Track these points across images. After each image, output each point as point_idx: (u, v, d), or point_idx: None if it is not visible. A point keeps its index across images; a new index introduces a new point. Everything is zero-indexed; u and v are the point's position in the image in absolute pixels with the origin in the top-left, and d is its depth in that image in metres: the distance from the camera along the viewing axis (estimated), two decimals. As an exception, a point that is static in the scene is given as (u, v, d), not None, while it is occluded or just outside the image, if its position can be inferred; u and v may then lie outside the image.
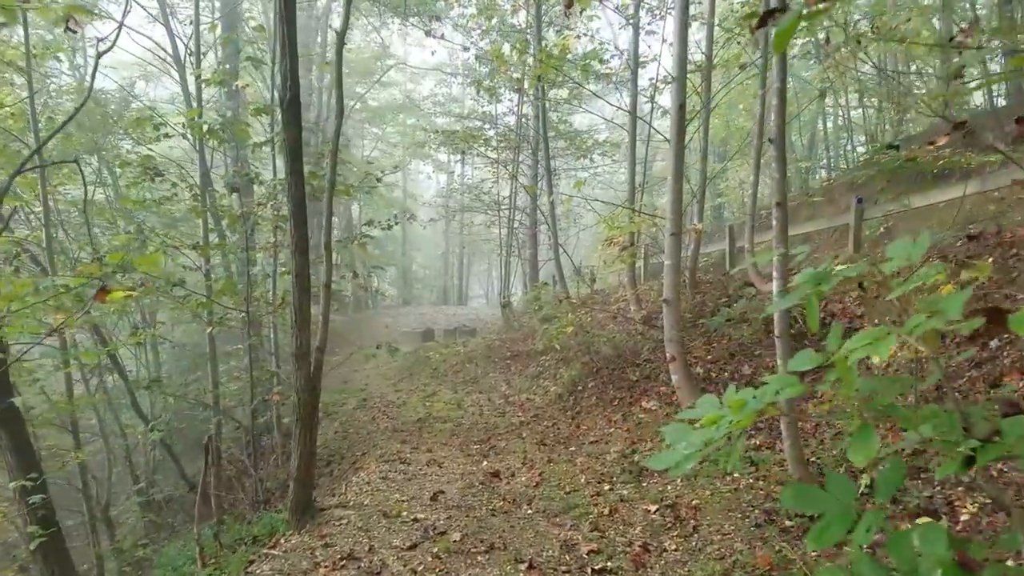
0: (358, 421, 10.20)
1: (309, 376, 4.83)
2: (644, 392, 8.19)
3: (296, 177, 4.52)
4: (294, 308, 4.67)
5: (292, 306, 4.68)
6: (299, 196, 4.54)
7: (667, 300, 7.14)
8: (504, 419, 9.12)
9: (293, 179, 4.51)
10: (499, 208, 16.38)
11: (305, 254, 4.64)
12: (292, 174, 4.51)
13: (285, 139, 4.49)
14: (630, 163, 10.16)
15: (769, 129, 6.48)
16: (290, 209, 4.54)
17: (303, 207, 4.58)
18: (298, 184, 4.52)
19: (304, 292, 4.67)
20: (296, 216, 4.54)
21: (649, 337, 9.49)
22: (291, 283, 4.66)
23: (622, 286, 13.84)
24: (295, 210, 4.53)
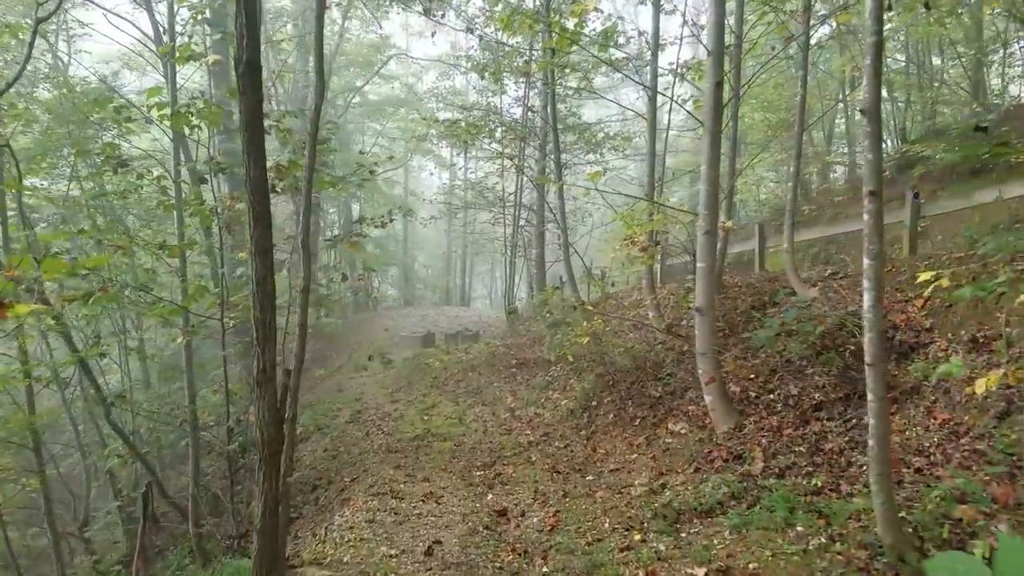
0: (350, 437, 9.29)
1: (275, 406, 3.90)
2: (670, 411, 7.25)
3: (255, 159, 3.59)
4: (255, 321, 3.74)
5: (253, 319, 3.75)
6: (259, 182, 3.61)
7: (699, 309, 6.21)
8: (511, 438, 8.20)
9: (251, 161, 3.59)
10: (503, 205, 15.43)
11: (267, 255, 3.71)
12: (250, 155, 3.59)
13: (241, 110, 3.56)
14: (649, 154, 9.22)
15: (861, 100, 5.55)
16: (248, 199, 3.62)
17: (265, 196, 3.65)
18: (257, 167, 3.59)
19: (267, 301, 3.74)
20: (256, 207, 3.62)
21: (672, 348, 8.56)
22: (251, 291, 3.74)
23: (636, 289, 12.90)
24: (254, 200, 3.61)
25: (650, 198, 9.06)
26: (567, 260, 10.85)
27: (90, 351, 6.93)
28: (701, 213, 6.17)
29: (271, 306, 3.74)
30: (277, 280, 7.84)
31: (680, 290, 9.82)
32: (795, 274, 7.57)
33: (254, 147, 3.60)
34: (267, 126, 7.18)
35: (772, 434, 5.90)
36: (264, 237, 3.68)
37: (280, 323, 11.47)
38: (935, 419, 5.22)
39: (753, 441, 5.88)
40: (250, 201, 3.62)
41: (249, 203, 3.62)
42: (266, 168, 3.68)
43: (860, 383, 5.94)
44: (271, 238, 3.75)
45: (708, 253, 6.16)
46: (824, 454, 5.34)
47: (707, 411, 6.70)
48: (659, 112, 9.70)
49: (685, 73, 9.72)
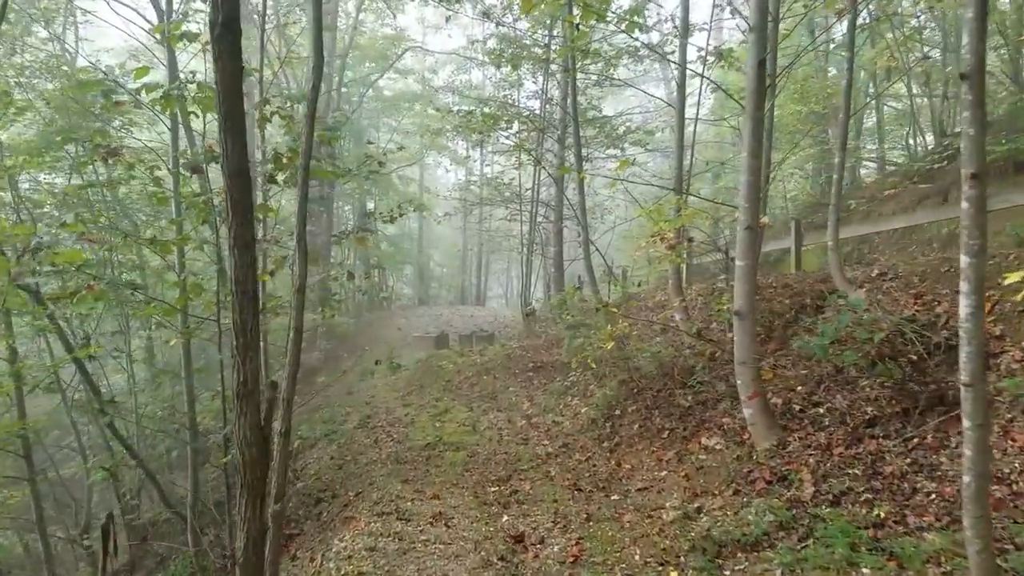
0: (358, 444, 8.78)
1: (258, 423, 3.38)
2: (702, 424, 6.65)
3: (233, 136, 3.06)
4: (234, 325, 3.22)
5: (232, 322, 3.23)
6: (238, 164, 3.09)
7: (739, 312, 5.61)
8: (527, 448, 7.64)
9: (229, 139, 3.06)
10: (520, 201, 14.85)
11: (248, 249, 3.19)
12: (227, 132, 3.06)
13: (217, 80, 3.04)
14: (676, 144, 8.60)
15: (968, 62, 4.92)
16: (225, 184, 3.10)
17: (245, 181, 3.13)
18: (236, 145, 3.06)
19: (248, 302, 3.21)
20: (234, 192, 3.09)
21: (702, 353, 7.94)
22: (231, 290, 3.21)
23: (661, 290, 12.27)
24: (232, 185, 3.09)
25: (678, 191, 8.45)
26: (587, 258, 10.28)
27: (80, 351, 6.47)
28: (741, 206, 5.57)
29: (253, 308, 3.21)
30: (279, 278, 7.35)
31: (708, 291, 9.20)
32: (841, 274, 6.92)
33: (232, 123, 3.07)
34: (268, 113, 6.70)
35: (820, 453, 5.28)
36: (244, 228, 3.16)
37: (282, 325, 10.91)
38: (1013, 441, 4.58)
39: (799, 460, 5.27)
40: (228, 186, 3.09)
41: (227, 189, 3.09)
42: (247, 147, 3.15)
43: (921, 397, 5.31)
44: (253, 230, 3.22)
45: (749, 250, 5.56)
46: (883, 478, 4.72)
47: (745, 425, 6.10)
48: (685, 104, 9.05)
49: (714, 59, 9.10)
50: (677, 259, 7.09)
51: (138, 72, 5.24)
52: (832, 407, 5.64)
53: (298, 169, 4.51)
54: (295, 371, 4.45)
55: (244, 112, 3.15)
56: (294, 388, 4.46)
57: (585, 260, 10.08)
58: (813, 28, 9.11)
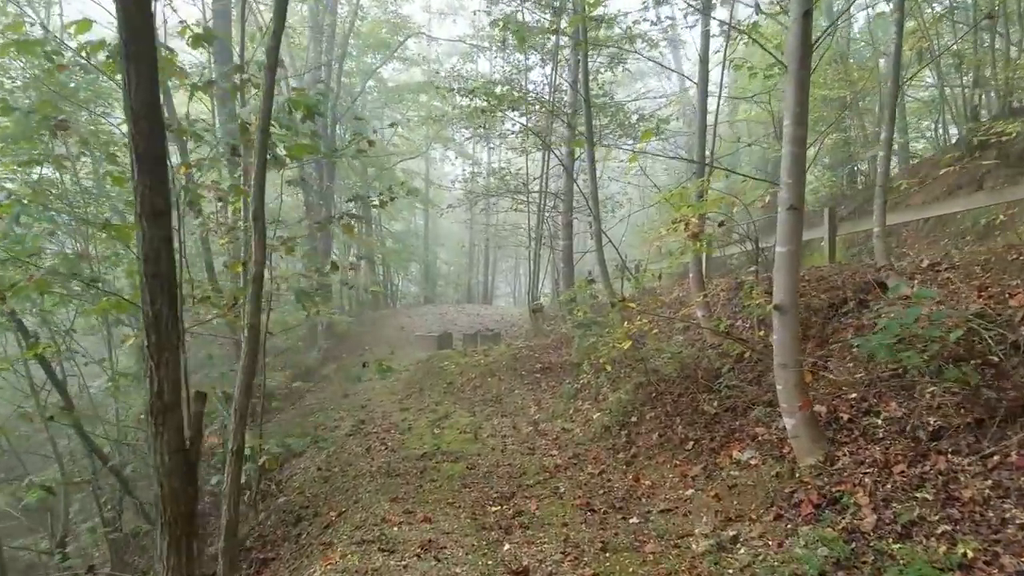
0: (349, 453, 8.04)
1: (181, 446, 2.63)
2: (732, 434, 5.85)
3: (140, 66, 2.31)
4: (145, 319, 2.47)
5: (143, 316, 2.48)
6: (147, 100, 2.33)
7: (780, 306, 4.80)
8: (534, 459, 6.87)
9: (134, 69, 2.30)
10: (527, 192, 14.04)
11: (162, 218, 2.43)
12: (132, 60, 2.30)
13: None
14: (699, 124, 7.80)
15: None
16: (129, 132, 2.34)
17: (154, 126, 2.37)
18: (143, 77, 2.31)
19: (162, 291, 2.46)
20: (139, 139, 2.33)
21: (727, 353, 7.14)
22: (140, 272, 2.46)
23: (678, 285, 11.46)
24: (138, 131, 2.33)
25: (701, 172, 7.65)
26: (599, 251, 9.48)
27: (28, 351, 5.76)
28: (783, 183, 4.76)
29: (169, 297, 2.46)
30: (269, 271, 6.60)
31: (732, 284, 8.38)
32: (889, 264, 6.09)
33: (139, 49, 2.31)
34: (240, 80, 5.95)
35: (877, 471, 4.47)
36: (155, 192, 2.41)
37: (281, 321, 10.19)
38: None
39: (852, 480, 4.46)
40: (132, 133, 2.33)
41: (130, 136, 2.34)
42: (157, 83, 2.38)
43: (999, 406, 4.49)
44: (167, 193, 2.46)
45: (792, 234, 4.75)
46: (961, 504, 3.91)
47: (783, 436, 5.30)
48: (708, 78, 8.23)
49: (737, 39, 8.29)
50: (701, 248, 6.29)
51: (79, 26, 4.49)
52: (888, 416, 4.83)
53: (256, 135, 3.76)
54: (250, 379, 3.71)
55: (154, 35, 2.39)
56: (249, 399, 3.72)
57: (597, 253, 9.29)
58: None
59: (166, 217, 2.47)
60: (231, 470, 3.62)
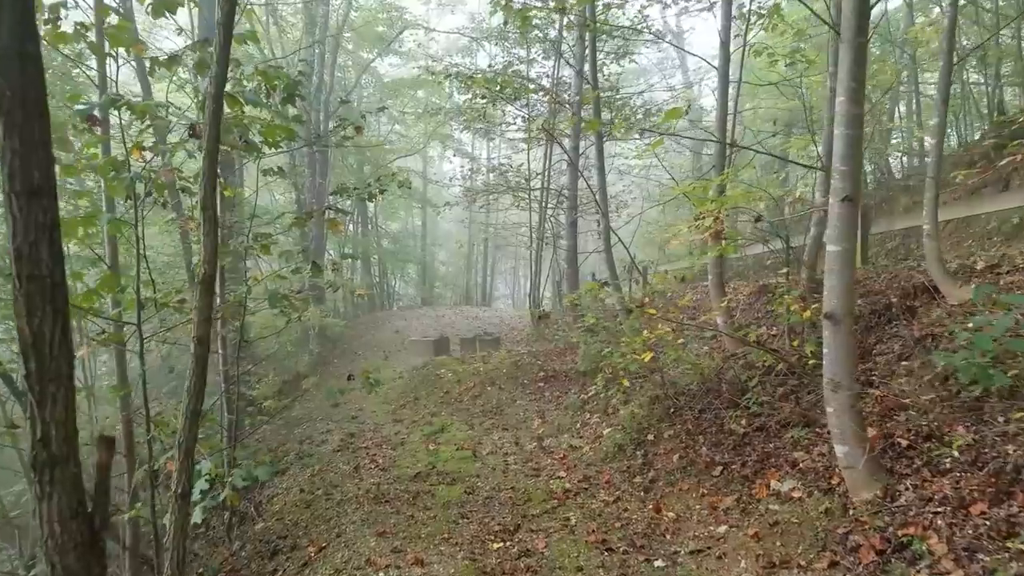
0: (336, 472, 7.33)
1: (74, 510, 1.92)
2: (767, 459, 5.14)
3: None
4: (22, 338, 1.76)
5: (19, 333, 1.77)
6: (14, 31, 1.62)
7: (832, 315, 4.10)
8: (539, 483, 6.16)
9: None
10: (529, 188, 13.29)
11: (41, 198, 1.73)
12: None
13: None
14: (719, 112, 7.12)
15: None
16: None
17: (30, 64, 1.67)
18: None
19: (41, 299, 1.76)
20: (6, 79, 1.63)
21: (753, 365, 6.45)
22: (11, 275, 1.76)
23: (691, 288, 10.76)
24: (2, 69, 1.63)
25: (720, 170, 6.97)
26: (608, 251, 8.80)
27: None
28: (836, 170, 4.07)
29: (54, 309, 1.75)
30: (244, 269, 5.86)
31: (756, 289, 7.70)
32: (941, 267, 5.41)
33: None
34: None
35: (951, 511, 3.76)
36: (30, 161, 1.69)
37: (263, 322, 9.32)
38: None
39: (921, 521, 3.76)
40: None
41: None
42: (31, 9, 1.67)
43: (1097, 435, 3.81)
44: (48, 164, 1.75)
45: (848, 230, 4.05)
46: None
47: (830, 464, 4.61)
48: (729, 64, 7.53)
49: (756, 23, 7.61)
50: (729, 249, 5.58)
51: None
52: (960, 445, 4.12)
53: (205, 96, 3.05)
54: (198, 404, 2.99)
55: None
56: (197, 428, 3.00)
57: (606, 253, 8.60)
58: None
59: (48, 198, 1.77)
60: (175, 518, 2.91)
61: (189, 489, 3.01)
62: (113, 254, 6.74)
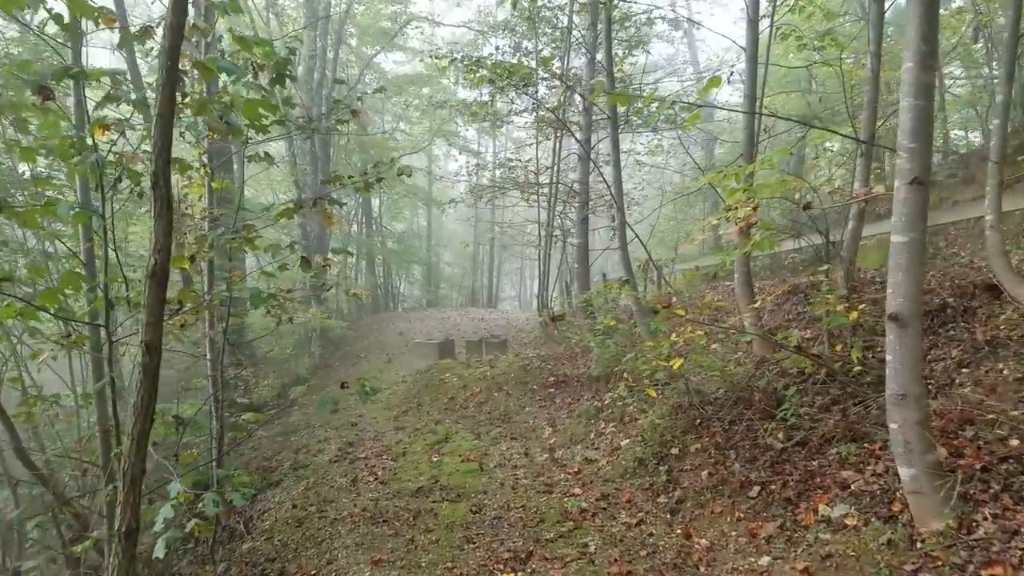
0: (331, 485, 6.79)
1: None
2: (811, 478, 4.57)
3: None
4: None
5: None
6: None
7: (898, 316, 3.53)
8: (553, 500, 5.59)
9: None
10: (538, 183, 12.68)
11: None
12: None
13: None
14: (747, 94, 6.54)
15: None
16: None
17: None
18: None
19: None
20: None
21: (787, 372, 5.87)
22: None
23: (711, 289, 10.18)
24: None
25: (750, 157, 6.40)
26: (623, 248, 8.23)
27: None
28: (903, 148, 3.50)
29: None
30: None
31: (787, 289, 7.11)
32: (1006, 261, 4.82)
33: None
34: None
35: (1046, 548, 3.20)
36: None
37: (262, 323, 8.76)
38: None
39: (1007, 559, 3.20)
40: None
41: None
42: None
43: None
44: None
45: (917, 218, 3.48)
46: None
47: (888, 487, 4.04)
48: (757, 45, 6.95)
49: None
50: (766, 244, 5.00)
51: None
52: (1048, 468, 3.54)
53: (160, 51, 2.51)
54: (146, 424, 2.44)
55: None
56: (144, 451, 2.45)
57: (621, 251, 8.03)
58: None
59: None
60: (117, 562, 2.37)
61: (136, 526, 2.47)
62: (89, 249, 6.24)
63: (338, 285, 14.21)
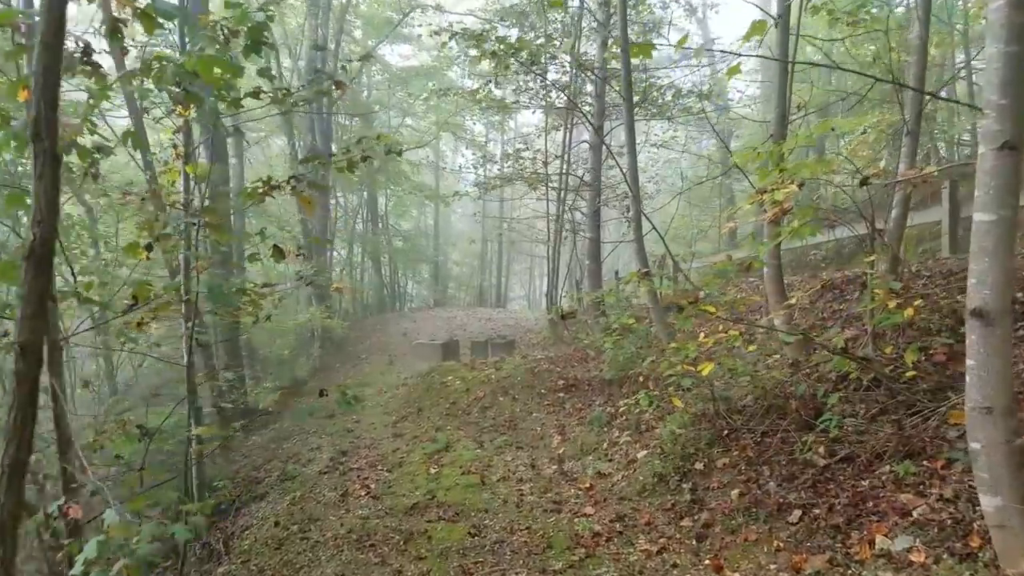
0: (318, 501, 6.21)
1: None
2: (863, 502, 3.91)
3: None
4: None
5: None
6: None
7: (981, 312, 2.89)
8: (561, 521, 4.98)
9: None
10: (547, 173, 12.01)
11: None
12: None
13: None
14: (780, 68, 5.90)
15: None
16: None
17: None
18: None
19: None
20: None
21: (826, 377, 5.21)
22: None
23: (733, 286, 9.51)
24: None
25: (780, 135, 5.76)
26: (638, 240, 7.60)
27: None
28: (991, 105, 2.86)
29: None
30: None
31: (819, 284, 6.45)
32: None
33: None
34: None
35: None
36: None
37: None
38: None
39: None
40: None
41: None
42: None
43: None
44: None
45: (1007, 191, 2.83)
46: None
47: (960, 517, 3.39)
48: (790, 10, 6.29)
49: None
50: (803, 229, 4.35)
51: None
52: None
53: None
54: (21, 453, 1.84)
55: None
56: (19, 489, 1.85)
57: (636, 243, 7.41)
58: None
59: None
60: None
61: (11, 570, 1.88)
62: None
63: (316, 278, 13.67)
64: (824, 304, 6.69)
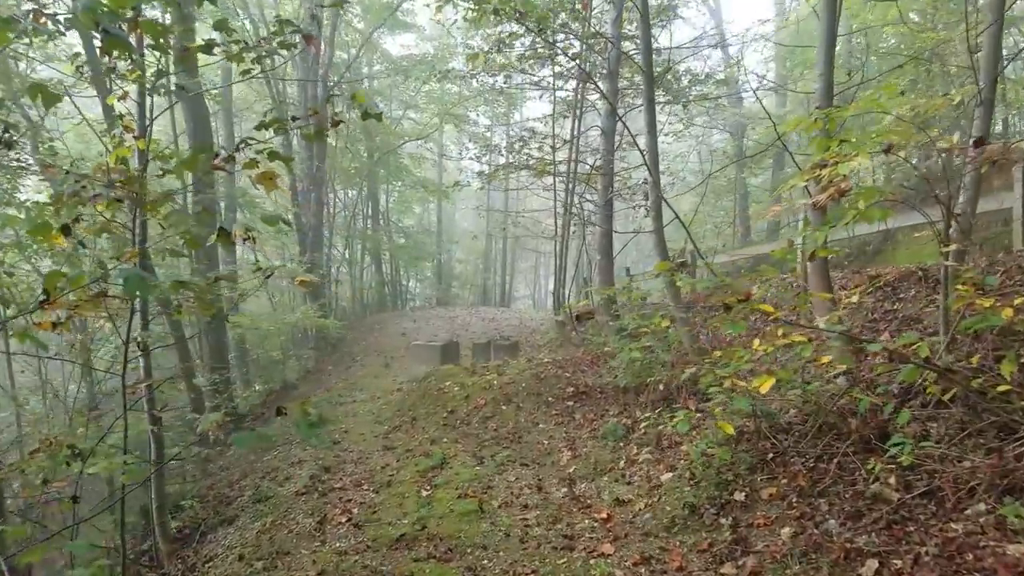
0: (290, 529, 5.40)
1: None
2: (959, 553, 3.08)
3: None
4: None
5: None
6: None
7: None
8: (575, 563, 4.16)
9: None
10: (555, 161, 11.13)
11: None
12: None
13: None
14: (825, 34, 5.06)
15: None
16: None
17: None
18: None
19: None
20: None
21: (890, 391, 4.37)
22: None
23: (760, 280, 8.63)
24: None
25: (827, 99, 4.93)
26: (659, 231, 6.76)
27: None
28: None
29: None
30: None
31: (867, 280, 5.59)
32: None
33: None
34: None
35: None
36: None
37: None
38: None
39: None
40: None
41: None
42: None
43: None
44: None
45: None
46: None
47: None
48: None
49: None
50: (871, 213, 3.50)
51: None
52: None
53: None
54: None
55: None
56: None
57: (656, 233, 6.58)
58: None
59: None
60: None
61: None
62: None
63: (277, 270, 12.85)
64: (874, 303, 5.84)
